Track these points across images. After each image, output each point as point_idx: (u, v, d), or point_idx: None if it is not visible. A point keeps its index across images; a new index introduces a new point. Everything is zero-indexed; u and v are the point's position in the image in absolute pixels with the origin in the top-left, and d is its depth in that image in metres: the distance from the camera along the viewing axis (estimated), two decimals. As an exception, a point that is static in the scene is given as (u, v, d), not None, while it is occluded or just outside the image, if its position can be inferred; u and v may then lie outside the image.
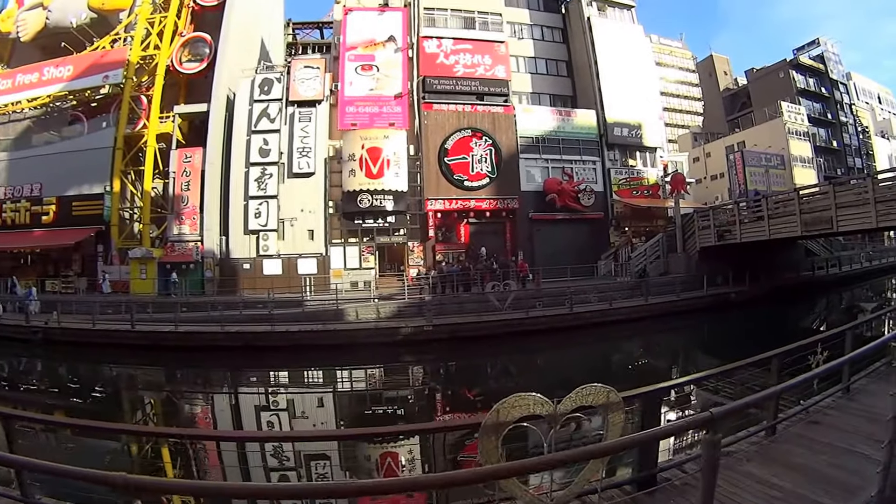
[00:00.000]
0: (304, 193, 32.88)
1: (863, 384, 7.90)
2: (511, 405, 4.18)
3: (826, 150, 53.11)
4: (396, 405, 16.21)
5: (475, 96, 34.56)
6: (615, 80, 36.77)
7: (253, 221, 32.52)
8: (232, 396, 17.85)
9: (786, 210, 27.17)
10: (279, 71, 34.89)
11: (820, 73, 56.82)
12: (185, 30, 36.09)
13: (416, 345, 21.45)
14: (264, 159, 33.08)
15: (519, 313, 23.83)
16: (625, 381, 16.45)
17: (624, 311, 25.52)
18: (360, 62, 34.14)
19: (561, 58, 39.48)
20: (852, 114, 57.24)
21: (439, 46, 34.63)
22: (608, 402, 4.39)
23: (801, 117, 50.17)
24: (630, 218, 36.20)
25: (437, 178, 33.06)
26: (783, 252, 31.74)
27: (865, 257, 41.74)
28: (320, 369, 20.39)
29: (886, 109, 66.51)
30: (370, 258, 32.81)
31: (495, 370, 20.43)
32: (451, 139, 33.38)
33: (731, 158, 44.45)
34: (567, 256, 32.46)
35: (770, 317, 25.38)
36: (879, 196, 22.11)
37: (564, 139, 35.64)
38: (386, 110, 33.53)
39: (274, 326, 21.67)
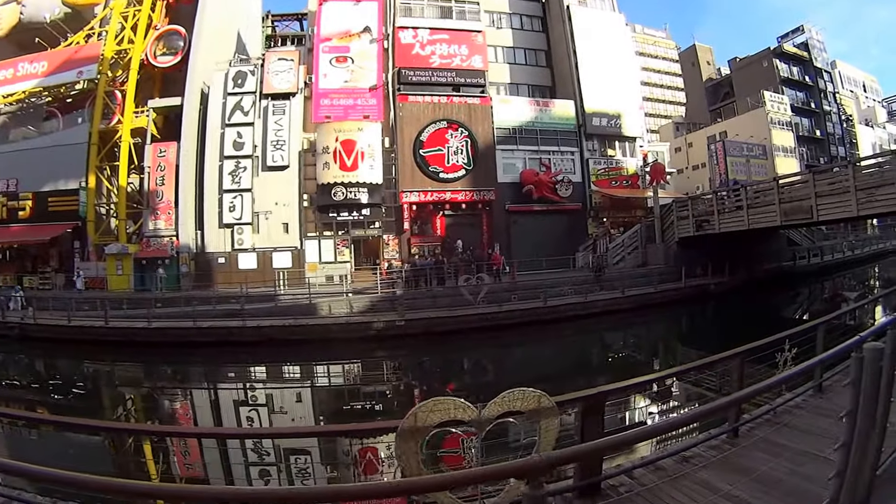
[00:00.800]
0: (278, 187, 31.82)
1: (837, 380, 7.03)
2: (430, 409, 3.94)
3: (809, 139, 51.53)
4: (366, 402, 15.61)
5: (451, 87, 33.29)
6: (594, 70, 35.45)
7: (227, 215, 31.52)
8: (203, 392, 17.33)
9: (765, 199, 26.11)
10: (253, 63, 33.58)
11: (804, 62, 55.11)
12: (159, 23, 35.08)
13: (388, 340, 20.77)
14: (238, 153, 32.04)
15: (493, 307, 22.91)
16: (588, 376, 15.84)
17: (600, 304, 24.59)
18: (334, 54, 32.87)
19: (540, 47, 38.13)
20: (836, 102, 55.46)
21: (415, 37, 33.32)
22: (539, 408, 4.11)
23: (783, 107, 48.69)
24: (609, 208, 34.99)
25: (413, 170, 31.88)
26: (764, 242, 30.68)
27: (847, 246, 40.50)
28: (291, 365, 19.70)
29: (871, 98, 64.93)
30: (345, 251, 31.73)
31: (468, 365, 19.73)
32: (426, 131, 32.18)
33: (713, 148, 42.99)
34: (545, 248, 31.50)
35: (748, 308, 24.61)
36: (860, 184, 21.22)
37: (542, 130, 34.34)
38: (360, 102, 32.31)
39: (245, 322, 20.91)
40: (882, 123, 61.04)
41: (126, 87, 33.41)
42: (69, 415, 12.21)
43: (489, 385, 16.15)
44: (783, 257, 33.47)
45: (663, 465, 5.09)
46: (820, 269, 35.40)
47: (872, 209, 21.44)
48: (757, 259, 29.94)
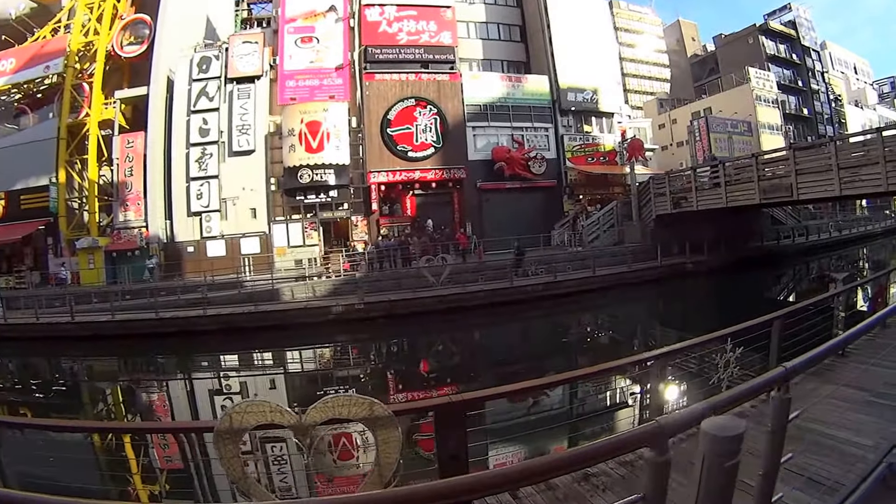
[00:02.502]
0: (245, 172, 29.52)
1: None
2: (244, 411, 3.52)
3: (797, 117, 48.07)
4: (318, 388, 13.84)
5: (420, 64, 30.69)
6: (570, 44, 32.64)
7: (195, 203, 29.31)
8: (160, 384, 15.79)
9: (744, 177, 23.63)
10: (218, 48, 31.15)
11: (791, 40, 51.66)
12: (125, 13, 32.77)
13: (349, 324, 19.17)
14: (204, 139, 29.79)
15: (456, 288, 21.16)
16: (541, 361, 14.23)
17: (570, 284, 22.45)
18: (299, 34, 30.47)
19: (514, 22, 35.31)
20: (824, 81, 51.88)
21: (382, 14, 30.78)
22: (372, 416, 3.48)
23: (769, 84, 45.35)
24: (585, 185, 32.10)
25: (380, 149, 29.30)
26: (746, 221, 28.07)
27: (834, 226, 37.14)
28: (248, 353, 18.16)
29: (862, 79, 61.26)
30: (314, 234, 29.22)
31: (428, 349, 17.88)
32: (393, 109, 29.61)
33: (696, 125, 39.73)
34: (519, 226, 28.68)
35: (724, 290, 22.60)
36: (843, 162, 18.91)
37: (515, 106, 31.58)
38: (326, 83, 29.85)
39: (206, 310, 19.44)
40: (872, 105, 57.25)
41: (93, 79, 31.03)
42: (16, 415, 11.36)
43: (441, 370, 15.07)
44: (766, 236, 30.72)
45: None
46: (805, 249, 32.40)
47: (856, 189, 19.12)
48: (738, 238, 27.25)
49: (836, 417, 4.69)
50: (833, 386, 5.58)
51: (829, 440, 4.18)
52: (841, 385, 5.54)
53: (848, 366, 6.34)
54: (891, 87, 69.01)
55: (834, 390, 5.38)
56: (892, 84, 69.46)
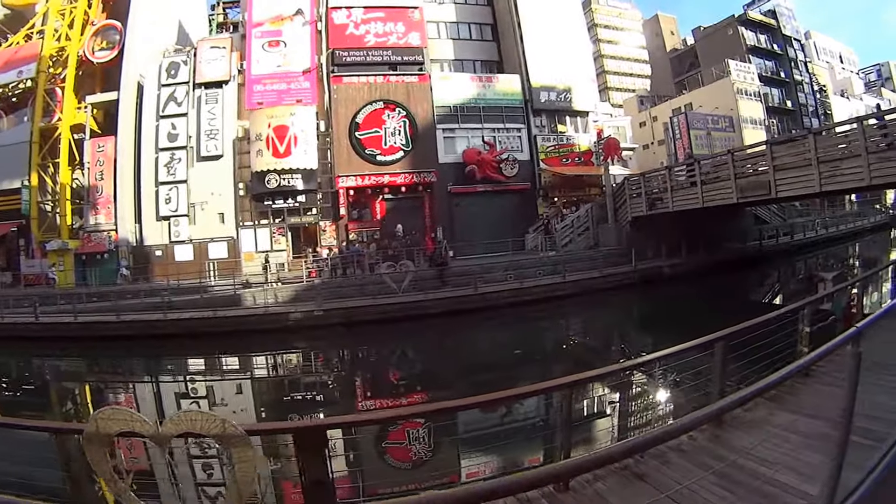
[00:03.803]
0: (213, 176, 28.14)
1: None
2: (108, 417, 3.43)
3: (780, 110, 45.21)
4: (268, 397, 13.43)
5: (388, 67, 28.72)
6: (542, 42, 30.48)
7: (164, 207, 28.11)
8: (107, 385, 15.23)
9: (720, 175, 21.44)
10: (186, 53, 29.39)
11: (772, 29, 48.47)
12: (96, 18, 31.13)
13: (307, 330, 18.15)
14: (173, 144, 28.54)
15: (418, 295, 19.75)
16: (498, 373, 12.77)
17: (539, 290, 20.72)
18: (267, 38, 28.68)
19: (486, 21, 33.06)
20: (808, 72, 48.72)
21: (349, 17, 28.83)
22: (225, 434, 3.26)
23: (751, 76, 42.52)
24: (560, 187, 30.03)
25: (349, 153, 27.52)
26: (727, 221, 25.74)
27: (821, 224, 34.62)
28: (204, 357, 17.26)
29: (848, 68, 58.02)
30: (282, 240, 27.66)
31: (381, 359, 16.88)
32: (361, 112, 27.79)
33: (675, 122, 37.25)
34: (492, 230, 27.17)
35: (699, 295, 20.63)
36: (823, 156, 16.74)
37: (486, 106, 29.56)
38: (294, 87, 28.08)
39: (166, 314, 18.77)
40: (858, 95, 54.07)
41: (65, 84, 29.58)
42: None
43: (385, 381, 14.11)
44: (749, 236, 28.56)
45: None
46: (789, 248, 30.09)
47: (837, 184, 16.86)
48: (718, 239, 25.13)
49: (786, 456, 3.98)
50: (790, 415, 4.82)
51: (771, 486, 3.59)
52: (801, 414, 4.76)
53: (812, 388, 5.52)
54: (877, 75, 65.55)
55: (790, 421, 4.64)
56: (878, 72, 65.99)
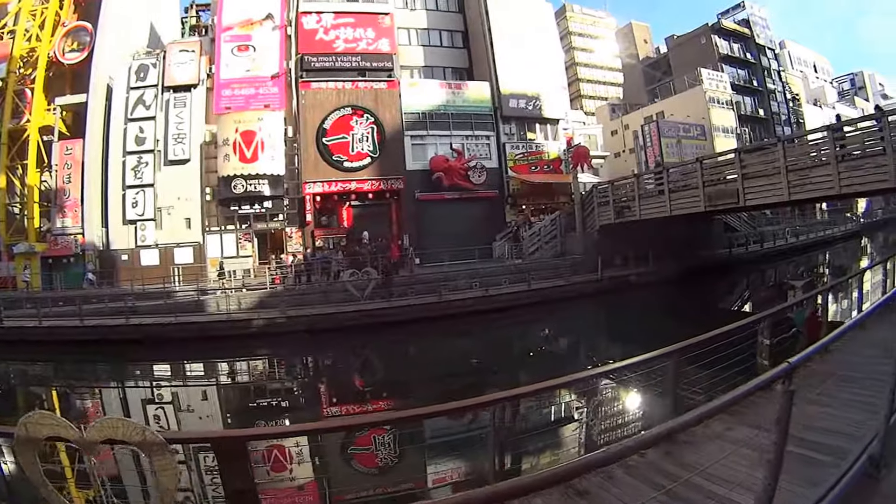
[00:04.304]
0: (180, 181, 27.44)
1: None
2: (37, 421, 3.42)
3: (753, 118, 44.58)
4: (229, 404, 12.99)
5: (357, 72, 28.03)
6: (512, 49, 29.77)
7: (130, 211, 27.36)
8: (59, 390, 14.66)
9: (689, 183, 20.89)
10: (155, 56, 28.50)
11: (746, 39, 47.85)
12: (67, 19, 30.14)
13: (270, 337, 17.66)
14: (140, 147, 27.76)
15: (381, 303, 19.28)
16: (448, 383, 12.46)
17: (504, 298, 20.22)
18: (236, 42, 27.95)
19: (457, 28, 32.35)
20: (781, 81, 48.10)
21: (319, 22, 28.08)
22: (145, 441, 3.21)
23: (723, 84, 41.89)
24: (529, 195, 29.39)
25: (316, 159, 26.80)
26: (696, 229, 25.10)
27: (791, 232, 34.10)
28: (164, 363, 16.84)
29: (822, 77, 57.53)
30: (248, 246, 26.87)
31: (341, 366, 16.53)
32: (329, 118, 27.07)
33: (646, 130, 36.58)
34: (460, 238, 26.44)
35: (664, 303, 20.13)
36: (792, 164, 16.29)
37: (455, 114, 28.89)
38: (262, 91, 27.36)
39: (129, 319, 18.10)
40: (831, 104, 53.58)
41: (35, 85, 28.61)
42: None
43: (342, 389, 13.82)
44: (718, 245, 27.91)
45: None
46: (759, 257, 29.69)
47: (806, 193, 16.40)
48: (687, 247, 24.34)
49: (742, 474, 3.70)
50: (749, 430, 4.51)
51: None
52: (761, 429, 4.38)
53: (773, 401, 4.73)
54: (851, 84, 65.23)
55: (749, 437, 4.34)
56: (852, 81, 65.68)
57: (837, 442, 4.02)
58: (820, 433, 4.36)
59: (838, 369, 6.05)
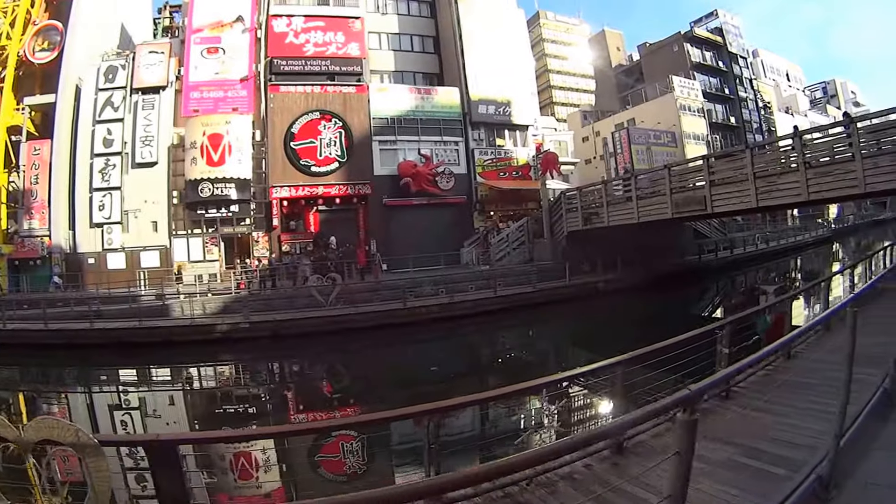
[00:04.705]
0: (147, 184, 26.68)
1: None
2: None
3: (724, 126, 44.19)
4: (170, 411, 12.64)
5: (326, 77, 27.38)
6: (483, 55, 29.28)
7: (98, 214, 26.59)
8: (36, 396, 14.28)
9: (656, 190, 20.62)
10: (125, 57, 27.66)
11: (718, 47, 47.43)
12: (38, 18, 29.12)
13: (234, 343, 17.29)
14: (108, 150, 27.01)
15: (347, 309, 18.74)
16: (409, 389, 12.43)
17: (469, 305, 19.76)
18: (206, 45, 27.21)
19: (428, 33, 31.77)
20: (753, 89, 47.77)
21: (289, 25, 27.40)
22: (78, 443, 3.05)
23: (694, 92, 41.45)
24: (497, 201, 28.86)
25: (283, 164, 26.16)
26: (666, 236, 24.61)
27: (762, 238, 33.75)
28: (126, 368, 16.44)
29: (794, 86, 57.25)
30: (214, 250, 26.18)
31: (301, 372, 16.39)
32: (297, 122, 26.45)
33: (617, 136, 36.11)
34: (427, 244, 26.10)
35: (631, 310, 19.66)
36: (760, 171, 16.07)
37: (424, 119, 28.33)
38: (231, 95, 26.66)
39: (93, 323, 17.63)
40: (803, 112, 53.32)
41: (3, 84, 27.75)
42: None
43: (302, 395, 13.58)
44: (688, 251, 27.60)
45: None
46: (729, 263, 29.37)
47: (774, 200, 16.09)
48: (656, 254, 23.96)
49: (692, 489, 3.14)
50: (702, 441, 4.01)
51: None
52: (713, 440, 4.29)
53: (730, 411, 5.04)
54: (823, 92, 65.13)
55: (701, 448, 3.87)
56: (824, 89, 65.56)
57: (793, 453, 3.83)
58: (775, 444, 4.14)
59: (799, 375, 5.84)
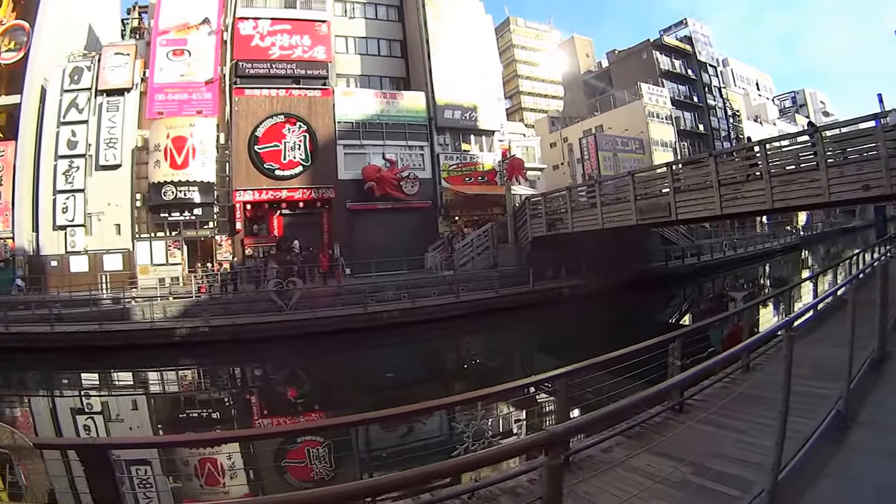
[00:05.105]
0: (111, 187, 25.93)
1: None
2: None
3: (693, 133, 43.97)
4: (123, 415, 12.39)
5: (291, 80, 26.74)
6: (449, 60, 28.81)
7: (61, 216, 25.69)
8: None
9: (620, 196, 20.21)
10: (90, 58, 26.85)
11: (687, 55, 47.10)
12: (5, 17, 28.16)
13: (194, 347, 16.91)
14: (72, 151, 26.11)
15: (306, 314, 18.36)
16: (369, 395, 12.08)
17: (430, 310, 19.35)
18: (172, 47, 26.50)
19: (396, 37, 31.24)
20: (722, 97, 47.59)
21: (255, 28, 26.76)
22: (14, 445, 3.01)
23: (663, 99, 41.16)
24: (462, 206, 28.40)
25: (247, 167, 25.54)
26: (632, 242, 24.31)
27: (729, 245, 33.39)
28: (85, 372, 16.17)
29: (764, 95, 57.15)
30: (177, 253, 25.48)
31: (267, 376, 15.97)
32: (262, 126, 25.84)
33: (583, 143, 35.68)
34: (392, 249, 25.58)
35: (593, 316, 18.76)
36: (724, 178, 15.84)
37: (389, 123, 27.80)
38: (196, 97, 25.95)
39: (54, 326, 17.16)
40: (772, 120, 53.23)
41: (-31, 85, 27.01)
42: None
43: (258, 400, 13.46)
44: (654, 258, 27.17)
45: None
46: (696, 270, 29.00)
47: (738, 207, 15.96)
48: (622, 260, 23.47)
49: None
50: (652, 457, 4.13)
51: None
52: (665, 456, 4.08)
53: (684, 425, 4.73)
54: (792, 101, 65.16)
55: (651, 464, 3.96)
56: (793, 99, 65.60)
57: (744, 472, 3.61)
58: (726, 461, 3.88)
59: (757, 388, 5.52)
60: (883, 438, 3.85)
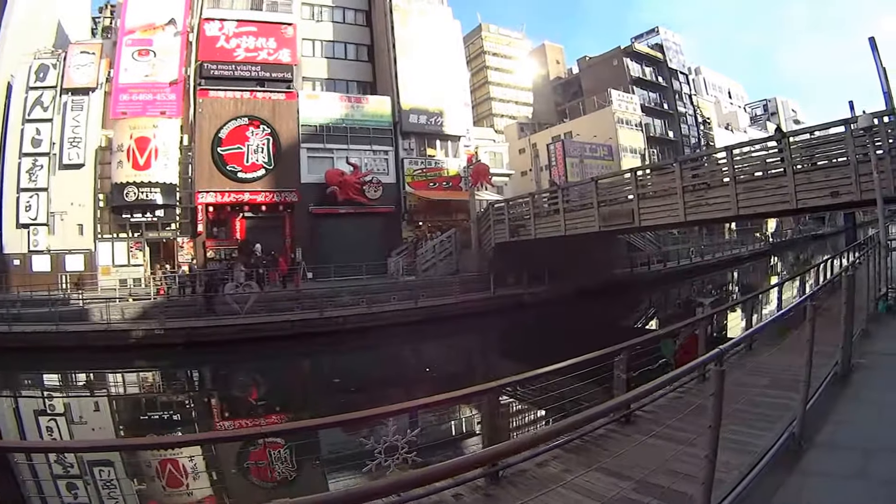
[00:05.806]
0: (74, 186, 24.91)
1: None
2: None
3: (662, 140, 43.08)
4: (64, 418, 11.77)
5: (256, 82, 25.65)
6: (416, 65, 27.81)
7: (24, 215, 24.64)
8: None
9: (585, 203, 19.40)
10: (56, 56, 25.62)
11: (658, 62, 45.99)
12: (-27, 15, 26.77)
13: (149, 349, 16.30)
14: (36, 150, 25.05)
15: (262, 317, 17.75)
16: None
17: (388, 316, 18.62)
18: (137, 47, 25.38)
19: (363, 41, 30.18)
20: (692, 104, 46.60)
21: (221, 29, 25.68)
22: None
23: (633, 106, 40.17)
24: (427, 211, 27.48)
25: (210, 169, 24.58)
26: (597, 248, 23.31)
27: (696, 251, 32.45)
28: (37, 373, 15.51)
29: (736, 103, 56.12)
30: (139, 254, 24.50)
31: (215, 380, 15.59)
32: (225, 128, 24.87)
33: (552, 149, 34.67)
34: (354, 253, 24.69)
35: (553, 323, 18.07)
36: (689, 185, 15.11)
37: (353, 127, 26.84)
38: (160, 98, 24.88)
39: (11, 327, 16.46)
40: (743, 128, 52.25)
41: (-65, 82, 25.76)
42: None
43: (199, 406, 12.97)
44: (620, 264, 26.38)
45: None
46: (662, 276, 28.18)
47: (703, 214, 15.27)
48: (586, 266, 22.66)
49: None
50: (591, 472, 3.70)
51: None
52: (605, 472, 3.68)
53: (630, 438, 4.30)
54: (763, 109, 64.15)
55: (590, 480, 3.58)
56: (764, 107, 64.60)
57: (693, 488, 3.19)
58: (675, 477, 3.51)
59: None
60: (841, 460, 3.40)
